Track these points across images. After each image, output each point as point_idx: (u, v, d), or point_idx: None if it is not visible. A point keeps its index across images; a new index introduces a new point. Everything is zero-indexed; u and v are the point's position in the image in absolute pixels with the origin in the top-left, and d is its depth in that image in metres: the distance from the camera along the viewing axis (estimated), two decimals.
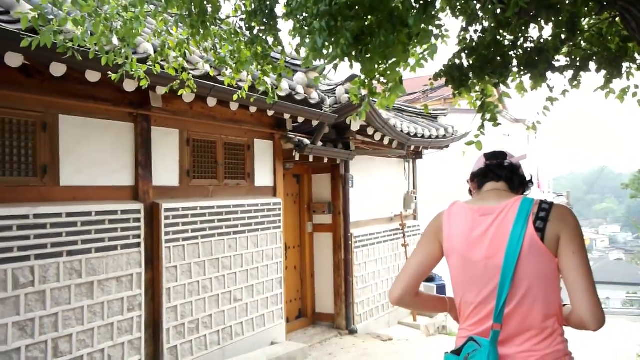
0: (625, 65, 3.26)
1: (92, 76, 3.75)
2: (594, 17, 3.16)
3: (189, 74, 3.63)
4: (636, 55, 3.19)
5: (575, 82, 3.36)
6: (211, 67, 4.36)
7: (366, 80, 3.17)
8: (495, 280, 1.63)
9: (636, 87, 3.33)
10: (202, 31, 3.06)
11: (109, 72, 3.34)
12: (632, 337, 7.13)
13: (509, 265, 1.59)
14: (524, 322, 1.61)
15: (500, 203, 1.70)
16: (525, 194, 1.84)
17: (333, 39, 2.80)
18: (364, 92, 3.47)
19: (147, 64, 3.40)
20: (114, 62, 3.09)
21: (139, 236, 4.48)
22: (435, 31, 2.78)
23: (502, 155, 1.88)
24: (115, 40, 3.11)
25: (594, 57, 3.27)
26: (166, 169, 4.88)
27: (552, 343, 1.60)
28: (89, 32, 2.75)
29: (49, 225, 3.84)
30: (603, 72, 3.31)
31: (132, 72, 3.18)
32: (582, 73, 3.36)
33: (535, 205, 1.64)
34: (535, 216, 1.62)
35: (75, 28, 2.77)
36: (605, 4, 2.64)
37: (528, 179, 1.87)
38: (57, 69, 3.56)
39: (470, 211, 1.75)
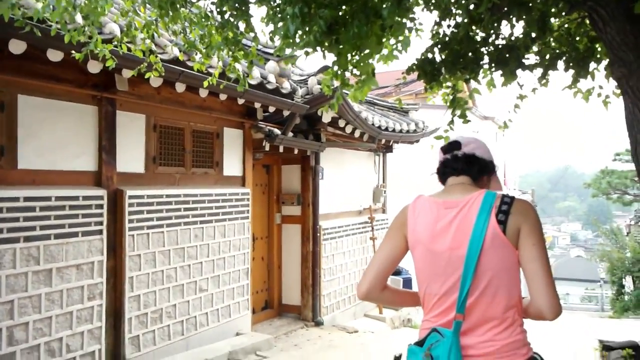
0: (592, 65, 3.32)
1: (54, 55, 3.60)
2: (563, 16, 3.20)
3: (156, 56, 3.53)
4: (603, 55, 3.25)
5: (544, 81, 3.41)
6: (180, 51, 4.25)
7: (339, 72, 3.14)
8: (458, 271, 1.64)
9: (600, 87, 3.40)
10: (171, 13, 2.97)
11: (72, 52, 3.21)
12: (590, 332, 7.38)
13: (472, 257, 1.62)
14: (486, 313, 1.63)
15: (465, 196, 1.72)
16: (492, 173, 1.87)
17: (306, 27, 2.76)
18: (336, 83, 3.45)
19: (113, 44, 3.28)
20: (77, 41, 2.97)
21: (101, 223, 4.35)
22: (409, 24, 2.77)
23: (456, 145, 1.86)
24: (79, 19, 2.99)
25: (563, 57, 3.33)
26: (131, 155, 4.75)
27: (512, 333, 1.63)
28: (51, 7, 2.63)
29: (5, 210, 3.68)
30: (571, 71, 3.38)
31: (97, 52, 3.06)
32: (550, 72, 3.41)
33: (497, 198, 1.67)
34: (498, 209, 1.64)
35: (36, 2, 2.65)
36: (574, 3, 2.67)
37: (489, 158, 1.85)
38: (17, 47, 3.40)
39: (435, 204, 1.76)
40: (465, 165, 1.81)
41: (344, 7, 2.81)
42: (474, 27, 3.22)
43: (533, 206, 1.69)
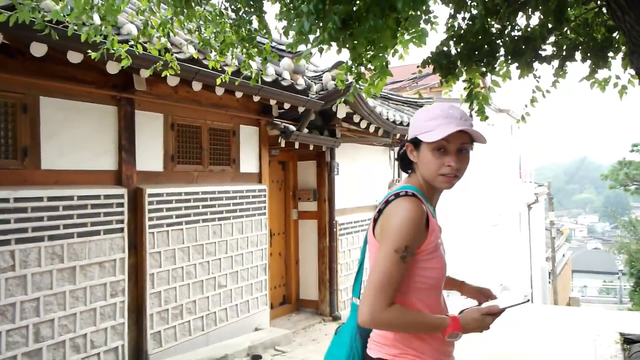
0: (609, 55, 3.29)
1: (74, 57, 3.66)
2: (580, 6, 3.18)
3: (172, 54, 3.57)
4: (621, 45, 3.22)
5: (562, 72, 3.39)
6: (196, 49, 4.30)
7: (353, 66, 3.16)
8: None
9: (618, 77, 3.37)
10: (186, 11, 3.01)
11: (89, 51, 3.25)
12: (609, 325, 7.31)
13: (362, 251, 1.79)
14: None
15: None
16: (412, 150, 1.70)
17: (320, 23, 2.77)
18: (350, 78, 3.46)
19: (129, 43, 3.33)
20: (93, 41, 3.02)
21: (122, 221, 4.43)
22: (424, 17, 2.77)
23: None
24: (96, 19, 3.04)
25: (580, 47, 3.30)
26: (150, 153, 4.82)
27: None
28: (69, 7, 2.68)
29: (29, 209, 3.77)
30: (588, 62, 3.35)
31: (113, 52, 3.10)
32: (568, 63, 3.39)
33: (387, 198, 1.65)
34: (379, 208, 1.65)
35: (55, 4, 2.70)
36: None
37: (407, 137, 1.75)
38: (38, 49, 3.47)
39: None
40: (401, 165, 1.80)
41: (357, 1, 2.83)
42: (489, 19, 3.21)
43: (403, 207, 1.57)
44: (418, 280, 1.61)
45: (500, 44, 3.29)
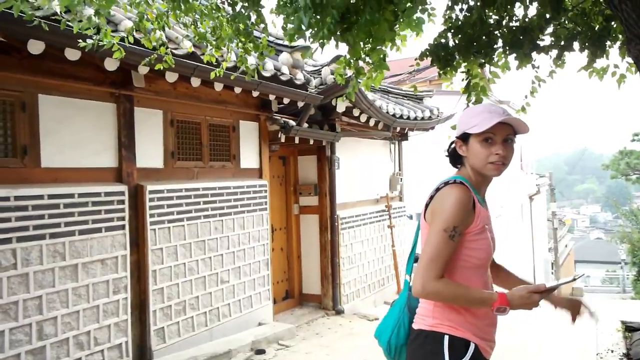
0: (607, 44, 3.28)
1: (72, 54, 3.66)
2: None
3: (167, 48, 3.55)
4: (618, 34, 3.20)
5: (560, 62, 3.38)
6: (193, 45, 4.28)
7: (352, 60, 3.15)
8: None
9: (616, 66, 3.35)
10: (182, 5, 2.99)
11: (80, 40, 3.22)
12: (612, 313, 7.31)
13: (416, 233, 2.00)
14: None
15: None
16: (462, 145, 1.88)
17: (319, 17, 2.76)
18: (349, 72, 3.46)
19: (122, 36, 3.31)
20: (86, 33, 3.00)
21: (123, 218, 4.44)
22: (420, 7, 2.76)
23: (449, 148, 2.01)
24: (89, 11, 3.03)
25: (578, 37, 3.29)
26: (150, 150, 4.82)
27: (425, 301, 1.85)
28: None
29: (30, 207, 3.78)
30: (586, 52, 3.33)
31: (105, 44, 3.08)
32: (566, 53, 3.37)
33: (438, 186, 1.84)
34: (430, 195, 1.84)
35: None
36: None
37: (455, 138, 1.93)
38: (35, 47, 3.46)
39: None
40: (451, 160, 1.98)
41: None
42: (487, 10, 3.20)
43: (453, 194, 1.75)
44: (464, 259, 1.78)
45: (498, 34, 3.28)
